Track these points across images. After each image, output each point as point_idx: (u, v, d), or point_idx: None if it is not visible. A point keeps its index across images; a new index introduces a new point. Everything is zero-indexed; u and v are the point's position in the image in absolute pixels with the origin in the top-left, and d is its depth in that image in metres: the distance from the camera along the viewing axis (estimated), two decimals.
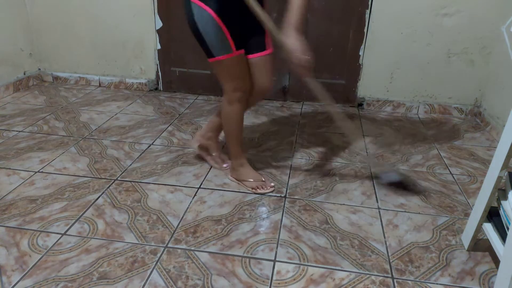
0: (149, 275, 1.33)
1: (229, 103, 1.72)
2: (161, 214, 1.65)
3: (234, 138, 1.81)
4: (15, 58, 3.03)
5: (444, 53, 2.75)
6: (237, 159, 1.87)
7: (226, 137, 1.84)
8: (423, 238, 1.57)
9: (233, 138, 1.82)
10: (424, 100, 2.91)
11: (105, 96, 3.02)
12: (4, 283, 1.28)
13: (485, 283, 1.36)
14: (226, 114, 1.76)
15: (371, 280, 1.35)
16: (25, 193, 1.75)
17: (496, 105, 2.62)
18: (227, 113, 1.75)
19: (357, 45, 2.84)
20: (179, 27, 2.98)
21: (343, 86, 2.96)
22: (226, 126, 1.80)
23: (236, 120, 1.76)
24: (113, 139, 2.30)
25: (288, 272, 1.37)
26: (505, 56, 2.55)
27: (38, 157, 2.05)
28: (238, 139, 1.82)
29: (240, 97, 1.70)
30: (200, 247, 1.47)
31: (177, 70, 3.12)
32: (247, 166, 1.88)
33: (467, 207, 1.78)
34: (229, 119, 1.76)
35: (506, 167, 1.33)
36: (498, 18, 2.61)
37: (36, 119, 2.53)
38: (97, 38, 3.11)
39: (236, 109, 1.72)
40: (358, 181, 1.96)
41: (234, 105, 1.71)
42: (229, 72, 1.66)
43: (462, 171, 2.10)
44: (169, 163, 2.06)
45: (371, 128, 2.62)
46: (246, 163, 1.88)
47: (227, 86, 1.69)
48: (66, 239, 1.48)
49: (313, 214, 1.68)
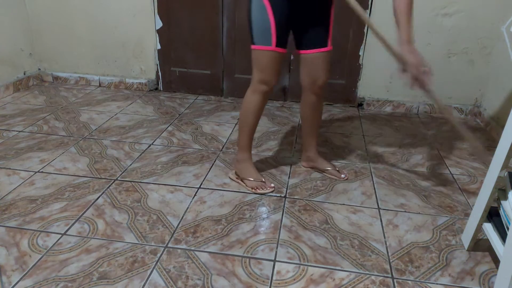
0: (149, 275, 1.33)
1: (252, 93, 1.75)
2: (161, 214, 1.65)
3: (247, 128, 1.82)
4: (15, 58, 3.03)
5: (444, 53, 2.75)
6: (243, 152, 1.87)
7: (240, 126, 1.84)
8: (423, 238, 1.57)
9: (246, 129, 1.82)
10: (424, 100, 2.90)
11: (105, 96, 3.02)
12: (4, 283, 1.28)
13: (485, 283, 1.36)
14: (246, 102, 1.77)
15: (371, 280, 1.35)
16: (25, 193, 1.75)
17: (496, 105, 2.62)
18: (248, 102, 1.76)
19: (357, 45, 2.84)
20: (179, 27, 2.98)
21: (343, 86, 2.96)
22: (242, 115, 1.81)
23: (254, 111, 1.77)
24: (113, 139, 2.30)
25: (288, 272, 1.37)
26: (505, 56, 2.55)
27: (38, 157, 2.05)
28: (251, 131, 1.83)
29: (264, 90, 1.72)
30: (200, 247, 1.47)
31: (177, 70, 3.12)
32: (250, 163, 1.88)
33: (467, 207, 1.78)
34: (248, 108, 1.77)
35: (506, 167, 1.33)
36: (498, 18, 2.61)
37: (36, 119, 2.53)
38: (97, 38, 3.11)
39: (257, 100, 1.74)
40: (358, 181, 1.96)
41: (256, 96, 1.73)
42: (261, 64, 1.68)
43: (462, 171, 2.10)
44: (169, 163, 2.06)
45: (371, 128, 2.62)
46: (250, 159, 1.88)
47: (256, 75, 1.71)
48: (66, 239, 1.48)
49: (313, 214, 1.68)
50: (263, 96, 1.74)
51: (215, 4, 2.87)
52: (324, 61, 1.77)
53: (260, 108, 1.77)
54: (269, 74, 1.69)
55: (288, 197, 1.80)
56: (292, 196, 1.81)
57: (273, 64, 1.68)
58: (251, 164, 1.88)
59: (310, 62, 1.77)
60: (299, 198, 1.79)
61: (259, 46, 1.65)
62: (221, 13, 2.89)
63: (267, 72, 1.68)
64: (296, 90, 3.00)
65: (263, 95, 1.73)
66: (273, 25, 1.60)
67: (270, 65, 1.67)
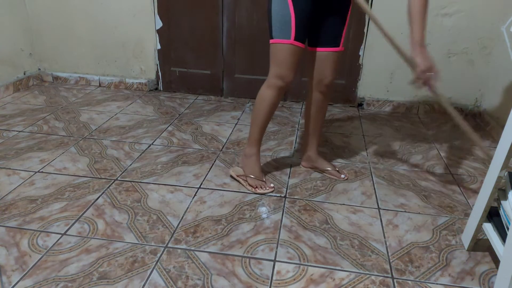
0: (149, 275, 1.33)
1: (267, 87, 1.73)
2: (161, 214, 1.65)
3: (258, 123, 1.80)
4: (15, 58, 3.03)
5: (444, 53, 2.75)
6: (252, 147, 1.86)
7: (252, 120, 1.83)
8: (423, 238, 1.57)
9: (257, 123, 1.80)
10: (424, 100, 2.91)
11: (105, 96, 3.02)
12: (4, 283, 1.28)
13: (485, 283, 1.36)
14: (260, 96, 1.76)
15: (371, 280, 1.35)
16: (25, 193, 1.75)
17: (496, 105, 2.62)
18: (262, 96, 1.75)
19: (357, 45, 2.84)
20: (179, 27, 2.99)
21: (343, 86, 2.96)
22: (255, 109, 1.80)
23: (267, 105, 1.75)
24: (113, 139, 2.30)
25: (288, 272, 1.37)
26: (505, 56, 2.55)
27: (38, 157, 2.05)
28: (262, 126, 1.81)
29: (280, 86, 1.70)
30: (200, 247, 1.47)
31: (177, 70, 3.12)
32: (257, 159, 1.87)
33: (467, 207, 1.78)
34: (261, 102, 1.76)
35: (506, 167, 1.33)
36: (498, 18, 2.61)
37: (36, 119, 2.53)
38: (97, 38, 3.11)
39: (271, 95, 1.73)
40: (358, 181, 1.96)
41: (271, 91, 1.72)
42: (279, 58, 1.67)
43: (462, 171, 2.10)
44: (169, 163, 2.06)
45: (371, 128, 2.62)
46: (257, 155, 1.87)
47: (273, 70, 1.70)
48: (66, 239, 1.48)
49: (313, 214, 1.68)
50: (278, 92, 1.72)
51: (215, 4, 2.87)
52: (334, 61, 1.77)
53: (274, 103, 1.75)
54: (286, 68, 1.67)
55: (288, 197, 1.80)
56: (292, 196, 1.81)
57: (291, 58, 1.66)
58: (257, 161, 1.87)
59: (321, 60, 1.77)
60: (299, 198, 1.79)
61: (277, 40, 1.64)
62: (221, 13, 2.89)
63: (284, 66, 1.67)
64: (296, 90, 3.00)
65: (278, 90, 1.71)
66: (293, 18, 1.60)
67: (287, 59, 1.66)
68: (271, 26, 1.65)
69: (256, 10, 2.85)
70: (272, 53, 1.68)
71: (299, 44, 1.65)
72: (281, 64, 1.67)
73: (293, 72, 1.69)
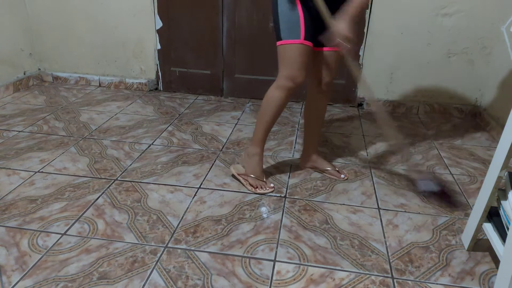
0: (149, 275, 1.33)
1: (276, 88, 1.71)
2: (161, 214, 1.65)
3: (264, 123, 1.79)
4: (15, 58, 3.03)
5: (444, 53, 2.75)
6: (255, 146, 1.84)
7: (257, 119, 1.82)
8: (423, 238, 1.57)
9: (263, 123, 1.79)
10: (424, 100, 2.91)
11: (105, 96, 3.02)
12: (4, 283, 1.28)
13: (485, 283, 1.36)
14: (268, 97, 1.74)
15: (371, 280, 1.35)
16: (25, 193, 1.75)
17: (496, 105, 2.62)
18: (270, 96, 1.73)
19: (357, 45, 2.84)
20: (179, 27, 2.99)
21: (343, 86, 2.96)
22: (262, 109, 1.78)
23: (275, 106, 1.73)
24: (113, 139, 2.30)
25: (288, 272, 1.37)
26: (505, 56, 2.55)
27: (38, 157, 2.05)
28: (267, 127, 1.80)
29: (290, 87, 1.69)
30: (200, 247, 1.47)
31: (177, 70, 3.12)
32: (260, 159, 1.86)
33: (467, 207, 1.78)
34: (269, 102, 1.74)
35: (506, 167, 1.33)
36: (498, 18, 2.61)
37: (36, 119, 2.53)
38: (97, 38, 3.11)
39: (279, 96, 1.71)
40: (358, 181, 1.96)
41: (281, 92, 1.70)
42: (290, 59, 1.65)
43: (462, 171, 2.10)
44: (169, 163, 2.06)
45: (371, 128, 2.62)
46: (261, 155, 1.86)
47: (283, 72, 1.68)
48: (66, 239, 1.48)
49: (313, 214, 1.68)
50: (287, 93, 1.70)
51: (215, 4, 2.87)
52: (335, 61, 1.77)
53: (281, 105, 1.74)
54: (296, 69, 1.65)
55: (288, 197, 1.80)
56: (292, 196, 1.81)
57: (301, 58, 1.65)
58: (260, 161, 1.86)
59: (323, 59, 1.76)
60: (299, 198, 1.79)
61: (286, 41, 1.63)
62: (221, 13, 2.89)
63: (294, 66, 1.65)
64: (296, 90, 3.00)
65: (287, 91, 1.70)
66: (302, 18, 1.60)
67: (298, 59, 1.64)
68: (279, 28, 1.63)
69: (256, 10, 2.85)
70: (280, 54, 1.67)
71: (308, 43, 1.64)
72: (292, 65, 1.65)
73: (303, 72, 1.67)
